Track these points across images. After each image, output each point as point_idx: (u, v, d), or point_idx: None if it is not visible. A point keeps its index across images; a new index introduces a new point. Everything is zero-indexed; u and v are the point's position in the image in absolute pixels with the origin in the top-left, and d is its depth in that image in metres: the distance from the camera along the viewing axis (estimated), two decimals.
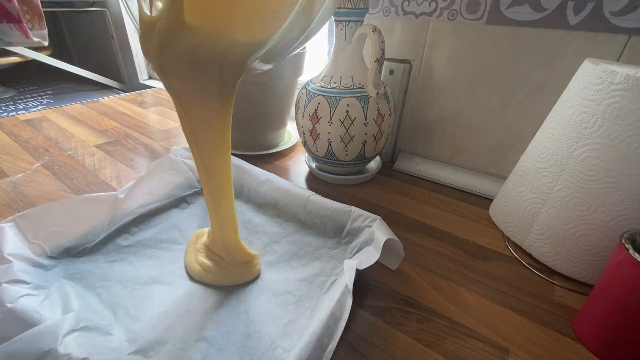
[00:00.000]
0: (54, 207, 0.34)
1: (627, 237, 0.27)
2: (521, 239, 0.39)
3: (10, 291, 0.26)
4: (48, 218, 0.33)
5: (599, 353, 0.28)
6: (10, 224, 0.31)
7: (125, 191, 0.38)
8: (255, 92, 0.55)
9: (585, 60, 0.34)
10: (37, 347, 0.22)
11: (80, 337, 0.24)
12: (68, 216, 0.34)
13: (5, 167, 0.53)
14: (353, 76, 0.46)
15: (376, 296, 0.34)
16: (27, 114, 0.75)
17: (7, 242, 0.29)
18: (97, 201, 0.36)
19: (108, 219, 0.36)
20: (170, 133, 0.70)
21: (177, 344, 0.27)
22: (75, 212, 0.34)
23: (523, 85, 0.46)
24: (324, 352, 0.23)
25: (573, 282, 0.36)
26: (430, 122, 0.56)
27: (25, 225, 0.31)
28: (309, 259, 0.36)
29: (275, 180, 0.42)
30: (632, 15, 0.37)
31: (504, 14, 0.44)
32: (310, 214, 0.39)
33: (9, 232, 0.30)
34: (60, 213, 0.34)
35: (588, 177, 0.33)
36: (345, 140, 0.47)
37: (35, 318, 0.24)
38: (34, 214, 0.32)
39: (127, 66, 1.20)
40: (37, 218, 0.32)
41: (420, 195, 0.51)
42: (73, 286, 0.30)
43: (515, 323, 0.31)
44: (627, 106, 0.30)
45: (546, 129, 0.37)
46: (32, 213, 0.32)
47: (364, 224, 0.35)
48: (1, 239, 0.30)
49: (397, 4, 0.51)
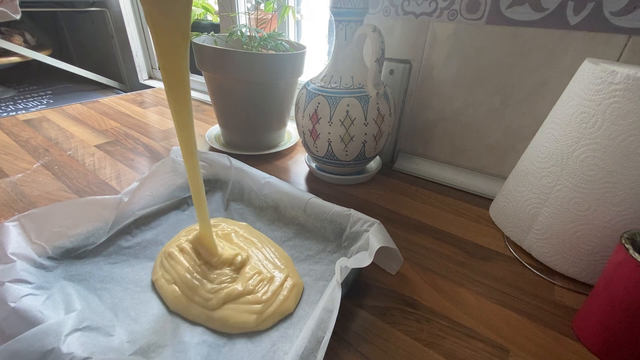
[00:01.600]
0: (58, 208, 0.34)
1: (627, 237, 0.27)
2: (521, 239, 0.39)
3: (13, 290, 0.26)
4: (52, 219, 0.33)
5: (599, 353, 0.29)
6: (14, 223, 0.31)
7: (129, 194, 0.38)
8: (255, 92, 0.55)
9: (585, 60, 0.34)
10: (40, 346, 0.22)
11: (83, 336, 0.24)
12: (71, 218, 0.34)
13: (5, 167, 0.53)
14: (353, 76, 0.46)
15: (376, 296, 0.34)
16: (27, 114, 0.75)
17: (10, 241, 0.29)
18: (101, 204, 0.36)
19: (111, 222, 0.36)
20: (170, 133, 0.70)
21: (178, 346, 0.27)
22: (79, 213, 0.34)
23: (523, 85, 0.46)
24: (319, 343, 0.23)
25: (573, 282, 0.36)
26: (430, 122, 0.56)
27: (29, 225, 0.32)
28: (309, 263, 0.37)
29: (275, 182, 0.42)
30: (632, 15, 0.37)
31: (504, 14, 0.44)
32: (310, 217, 0.39)
33: (13, 231, 0.30)
34: (64, 214, 0.34)
35: (588, 177, 0.33)
36: (345, 140, 0.47)
37: (38, 317, 0.24)
38: (38, 214, 0.32)
39: (127, 66, 1.20)
40: (41, 218, 0.32)
41: (420, 195, 0.51)
42: (74, 287, 0.30)
43: (515, 323, 0.31)
44: (627, 106, 0.30)
45: (546, 129, 0.37)
46: (36, 213, 0.32)
47: (363, 228, 0.35)
48: (5, 238, 0.30)
49: (397, 4, 0.51)
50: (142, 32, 1.11)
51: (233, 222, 0.41)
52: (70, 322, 0.24)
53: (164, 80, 0.26)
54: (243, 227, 0.40)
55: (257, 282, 0.32)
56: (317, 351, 0.23)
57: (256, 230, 0.41)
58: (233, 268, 0.33)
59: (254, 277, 0.32)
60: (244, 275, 0.33)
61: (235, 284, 0.32)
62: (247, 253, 0.35)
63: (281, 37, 0.60)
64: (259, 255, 0.36)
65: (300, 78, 0.59)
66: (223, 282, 0.32)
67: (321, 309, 0.25)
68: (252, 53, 0.53)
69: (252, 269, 0.33)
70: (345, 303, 0.33)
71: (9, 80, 1.32)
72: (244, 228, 0.40)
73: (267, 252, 0.36)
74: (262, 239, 0.39)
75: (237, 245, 0.37)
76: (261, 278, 0.32)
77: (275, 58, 0.53)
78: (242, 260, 0.34)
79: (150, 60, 1.16)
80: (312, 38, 0.82)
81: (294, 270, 0.35)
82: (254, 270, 0.33)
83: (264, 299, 0.30)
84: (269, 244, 0.38)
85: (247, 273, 0.33)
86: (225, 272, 0.33)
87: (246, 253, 0.35)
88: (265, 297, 0.31)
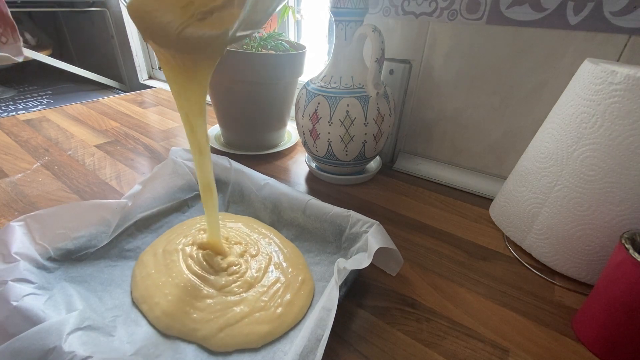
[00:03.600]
0: (64, 210, 0.34)
1: (627, 237, 0.27)
2: (521, 239, 0.39)
3: (16, 289, 0.26)
4: (57, 220, 0.33)
5: (599, 353, 0.29)
6: (20, 223, 0.31)
7: (132, 197, 0.38)
8: (255, 92, 0.55)
9: (585, 60, 0.34)
10: (42, 344, 0.22)
11: (84, 335, 0.24)
12: (76, 220, 0.34)
13: (5, 167, 0.53)
14: (353, 76, 0.46)
15: (376, 296, 0.34)
16: (27, 114, 0.75)
17: (15, 240, 0.30)
18: (106, 207, 0.36)
19: (114, 225, 0.36)
20: (170, 133, 0.70)
21: (178, 347, 0.27)
22: (84, 216, 0.34)
23: (523, 85, 0.46)
24: (319, 341, 0.23)
25: (573, 282, 0.36)
26: (430, 122, 0.56)
27: (34, 225, 0.32)
28: (309, 264, 0.37)
29: (274, 184, 0.42)
30: (632, 15, 0.37)
31: (504, 14, 0.44)
32: (310, 218, 0.39)
33: (19, 231, 0.31)
34: (69, 216, 0.34)
35: (588, 177, 0.33)
36: (345, 140, 0.47)
37: (40, 316, 0.25)
38: (44, 215, 0.32)
39: (127, 66, 1.20)
40: (46, 219, 0.32)
41: (420, 195, 0.51)
42: (75, 288, 0.30)
43: (515, 323, 0.31)
44: (627, 106, 0.30)
45: (546, 129, 0.37)
46: (42, 214, 0.32)
47: (362, 229, 0.35)
48: (10, 237, 0.30)
49: (397, 4, 0.51)
50: None
51: (236, 218, 0.41)
52: (71, 321, 0.24)
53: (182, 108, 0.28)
54: (243, 220, 0.41)
55: (270, 296, 0.31)
56: (316, 349, 0.23)
57: (260, 222, 0.41)
58: (239, 275, 0.33)
59: (267, 291, 0.32)
60: (256, 288, 0.32)
61: (243, 305, 0.30)
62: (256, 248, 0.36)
63: (281, 37, 0.60)
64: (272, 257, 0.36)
65: (300, 78, 0.59)
66: (231, 294, 0.31)
67: (320, 308, 0.25)
68: (252, 53, 0.53)
69: (266, 279, 0.33)
70: (345, 303, 0.33)
71: (9, 80, 1.32)
72: (246, 223, 0.41)
73: (274, 251, 0.37)
74: (267, 233, 0.39)
75: (246, 245, 0.37)
76: (274, 291, 0.32)
77: (275, 58, 0.53)
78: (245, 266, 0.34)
79: (150, 60, 1.16)
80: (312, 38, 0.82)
81: (305, 270, 0.35)
82: (265, 282, 0.33)
83: (278, 313, 0.30)
84: (277, 237, 0.39)
85: (259, 287, 0.32)
86: (232, 288, 0.32)
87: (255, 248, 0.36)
88: (280, 310, 0.30)
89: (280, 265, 0.35)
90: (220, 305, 0.30)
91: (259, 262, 0.35)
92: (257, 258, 0.35)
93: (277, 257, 0.36)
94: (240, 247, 0.36)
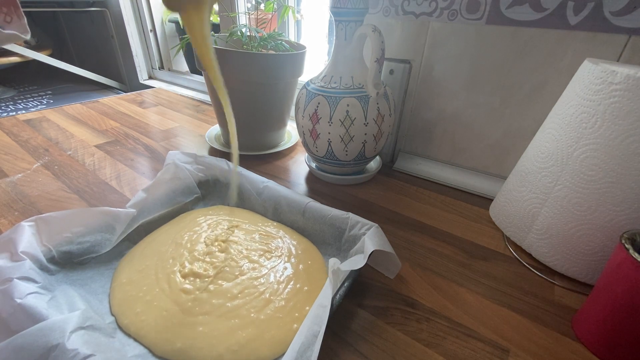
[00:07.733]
0: (74, 215, 0.34)
1: (627, 237, 0.27)
2: (521, 239, 0.39)
3: (21, 287, 0.26)
4: (65, 224, 0.33)
5: (598, 353, 0.29)
6: (31, 223, 0.32)
7: (137, 205, 0.38)
8: (255, 92, 0.55)
9: (585, 60, 0.34)
10: (45, 341, 0.23)
11: (86, 334, 0.25)
12: (83, 225, 0.34)
13: (5, 167, 0.53)
14: (353, 76, 0.46)
15: (376, 296, 0.34)
16: (27, 114, 0.75)
17: (23, 240, 0.30)
18: (114, 215, 0.36)
19: (118, 233, 0.36)
20: (170, 133, 0.70)
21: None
22: (91, 222, 0.35)
23: (523, 85, 0.46)
24: (315, 337, 0.23)
25: (573, 282, 0.36)
26: (430, 122, 0.56)
27: (43, 227, 0.32)
28: None
29: (273, 187, 0.42)
30: (632, 15, 0.37)
31: (504, 14, 0.44)
32: (309, 221, 0.39)
33: (28, 231, 0.31)
34: (77, 221, 0.34)
35: (588, 177, 0.33)
36: (345, 140, 0.47)
37: (44, 314, 0.25)
38: (54, 217, 0.33)
39: (127, 66, 1.20)
40: (55, 222, 0.33)
41: (420, 195, 0.51)
42: (76, 290, 0.31)
43: (515, 323, 0.31)
44: (627, 106, 0.30)
45: (546, 129, 0.37)
46: (52, 216, 0.33)
47: (361, 232, 0.35)
48: (19, 236, 0.30)
49: (397, 4, 0.51)
50: (142, 32, 1.11)
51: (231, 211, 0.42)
52: (74, 320, 0.25)
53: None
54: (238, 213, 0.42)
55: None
56: (313, 345, 0.23)
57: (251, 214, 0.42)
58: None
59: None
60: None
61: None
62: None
63: (281, 37, 0.60)
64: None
65: (300, 78, 0.59)
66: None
67: (316, 305, 0.25)
68: (252, 53, 0.53)
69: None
70: (345, 303, 0.33)
71: (9, 80, 1.32)
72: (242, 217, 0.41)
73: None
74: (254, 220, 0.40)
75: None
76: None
77: (275, 58, 0.53)
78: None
79: (150, 60, 1.16)
80: (312, 38, 0.82)
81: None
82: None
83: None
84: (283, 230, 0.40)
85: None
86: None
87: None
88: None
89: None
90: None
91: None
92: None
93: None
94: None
